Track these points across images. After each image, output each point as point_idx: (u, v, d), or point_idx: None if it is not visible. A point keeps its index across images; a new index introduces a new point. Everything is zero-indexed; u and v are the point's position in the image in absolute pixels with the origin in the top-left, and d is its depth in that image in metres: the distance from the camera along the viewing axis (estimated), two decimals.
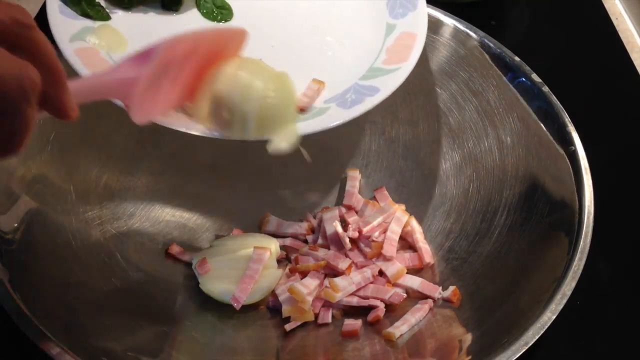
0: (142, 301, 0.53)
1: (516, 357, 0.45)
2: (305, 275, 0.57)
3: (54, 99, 0.33)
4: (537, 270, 0.52)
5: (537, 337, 0.46)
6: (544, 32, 0.83)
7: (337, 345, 0.53)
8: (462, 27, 0.63)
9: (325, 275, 0.57)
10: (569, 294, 0.48)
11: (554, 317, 0.47)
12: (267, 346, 0.54)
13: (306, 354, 0.53)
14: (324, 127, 0.48)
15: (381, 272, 0.57)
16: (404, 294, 0.56)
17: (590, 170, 0.54)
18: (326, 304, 0.55)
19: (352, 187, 0.63)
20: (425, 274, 0.58)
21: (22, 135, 0.31)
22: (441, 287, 0.56)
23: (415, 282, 0.56)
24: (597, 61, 0.79)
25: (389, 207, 0.60)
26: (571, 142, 0.56)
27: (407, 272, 0.57)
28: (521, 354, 0.45)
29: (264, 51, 0.53)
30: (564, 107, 0.58)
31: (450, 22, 0.63)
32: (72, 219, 0.54)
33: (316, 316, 0.55)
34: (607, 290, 0.59)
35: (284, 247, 0.60)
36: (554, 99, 0.58)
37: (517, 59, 0.61)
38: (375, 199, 0.63)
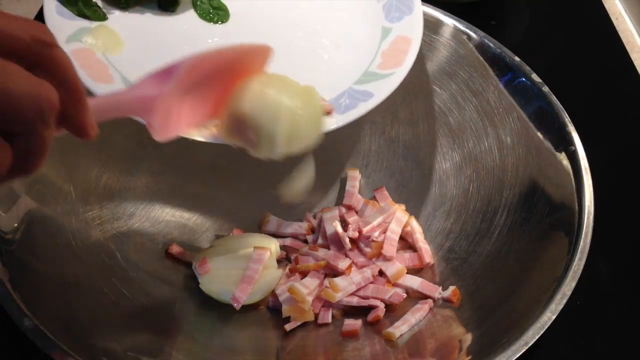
0: (142, 301, 0.53)
1: (516, 357, 0.45)
2: (305, 275, 0.57)
3: (74, 118, 0.32)
4: (537, 270, 0.52)
5: (537, 337, 0.46)
6: (544, 32, 0.83)
7: (337, 345, 0.53)
8: (462, 27, 0.63)
9: (325, 275, 0.57)
10: (569, 294, 0.48)
11: (554, 317, 0.47)
12: (267, 346, 0.54)
13: (306, 354, 0.53)
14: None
15: (381, 272, 0.57)
16: (404, 294, 0.56)
17: (590, 170, 0.54)
18: (326, 304, 0.55)
19: (352, 187, 0.63)
20: (425, 274, 0.58)
21: (37, 156, 0.30)
22: (441, 287, 0.56)
23: (415, 282, 0.56)
24: (597, 61, 0.79)
25: (389, 207, 0.60)
26: (571, 142, 0.56)
27: (407, 272, 0.57)
28: (521, 354, 0.45)
29: None
30: (564, 107, 0.58)
31: (450, 22, 0.63)
32: (72, 219, 0.54)
33: (316, 316, 0.55)
34: (607, 290, 0.59)
35: (284, 247, 0.60)
36: (554, 99, 0.58)
37: (517, 59, 0.61)
38: (375, 199, 0.63)
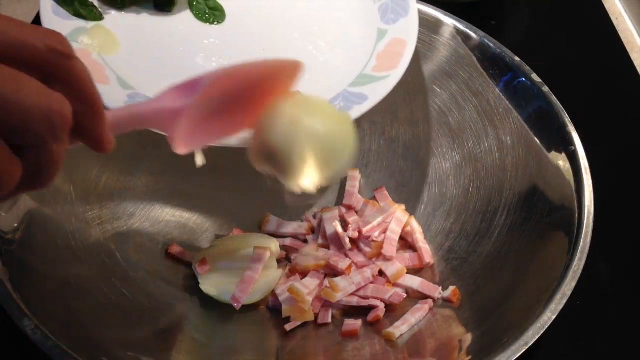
0: (142, 301, 0.53)
1: (516, 357, 0.45)
2: (305, 275, 0.57)
3: (90, 132, 0.31)
4: (537, 270, 0.52)
5: (537, 337, 0.46)
6: (544, 32, 0.83)
7: (337, 345, 0.53)
8: (462, 27, 0.63)
9: (325, 275, 0.57)
10: (569, 294, 0.48)
11: (554, 317, 0.47)
12: (267, 346, 0.54)
13: (306, 354, 0.53)
14: None
15: (381, 272, 0.57)
16: (404, 294, 0.56)
17: (590, 170, 0.54)
18: (326, 304, 0.55)
19: (352, 187, 0.63)
20: (425, 274, 0.58)
21: (48, 171, 0.29)
22: (441, 287, 0.56)
23: (415, 282, 0.56)
24: (597, 61, 0.79)
25: (389, 207, 0.60)
26: (571, 142, 0.56)
27: (407, 272, 0.57)
28: (521, 354, 0.45)
29: (255, 55, 0.53)
30: (564, 107, 0.58)
31: (450, 22, 0.63)
32: (72, 219, 0.54)
33: (316, 316, 0.55)
34: (607, 290, 0.59)
35: (284, 247, 0.60)
36: (554, 99, 0.58)
37: (517, 59, 0.61)
38: (375, 199, 0.63)
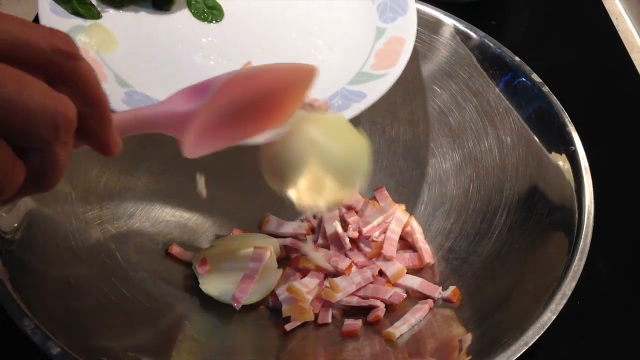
0: (142, 301, 0.53)
1: (516, 357, 0.45)
2: (305, 274, 0.57)
3: (96, 134, 0.30)
4: (537, 270, 0.52)
5: (537, 337, 0.46)
6: (544, 32, 0.83)
7: (337, 345, 0.53)
8: (462, 27, 0.63)
9: (325, 275, 0.57)
10: (569, 294, 0.48)
11: (554, 317, 0.47)
12: (267, 346, 0.54)
13: (306, 354, 0.53)
14: None
15: (381, 272, 0.57)
16: (404, 294, 0.56)
17: (590, 170, 0.54)
18: (326, 304, 0.55)
19: None
20: (425, 274, 0.58)
21: (52, 173, 0.29)
22: (441, 287, 0.56)
23: (415, 282, 0.56)
24: (597, 61, 0.79)
25: (389, 207, 0.60)
26: (571, 142, 0.56)
27: (407, 272, 0.57)
28: (521, 354, 0.45)
29: (253, 54, 0.53)
30: (564, 107, 0.58)
31: (450, 22, 0.63)
32: (72, 219, 0.54)
33: (316, 316, 0.55)
34: (607, 290, 0.59)
35: (284, 247, 0.60)
36: (554, 99, 0.58)
37: (517, 59, 0.61)
38: (375, 199, 0.63)
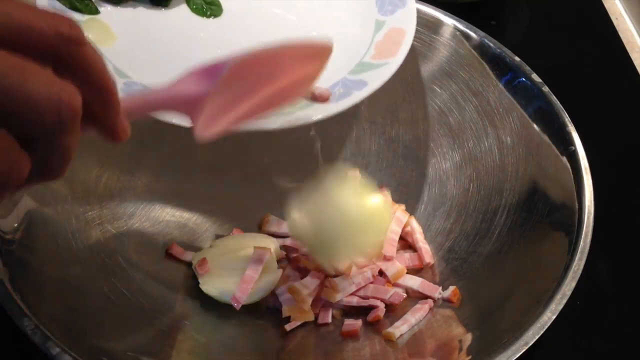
0: (142, 301, 0.53)
1: (516, 357, 0.45)
2: (305, 274, 0.57)
3: (103, 120, 0.30)
4: (537, 270, 0.52)
5: (537, 337, 0.46)
6: (544, 32, 0.83)
7: (337, 345, 0.53)
8: (462, 27, 0.63)
9: (325, 275, 0.57)
10: (569, 294, 0.48)
11: (554, 317, 0.46)
12: (267, 346, 0.54)
13: (306, 354, 0.53)
14: (310, 119, 0.48)
15: (381, 272, 0.57)
16: (404, 294, 0.56)
17: (590, 170, 0.54)
18: (326, 304, 0.55)
19: None
20: (425, 274, 0.58)
21: (58, 163, 0.28)
22: (441, 287, 0.56)
23: (415, 282, 0.56)
24: (597, 61, 0.79)
25: None
26: (571, 142, 0.56)
27: (407, 272, 0.57)
28: (521, 354, 0.45)
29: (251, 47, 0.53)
30: (564, 107, 0.58)
31: (450, 22, 0.63)
32: (72, 219, 0.54)
33: (316, 316, 0.55)
34: (607, 290, 0.59)
35: (284, 247, 0.60)
36: (554, 99, 0.58)
37: (517, 59, 0.61)
38: None
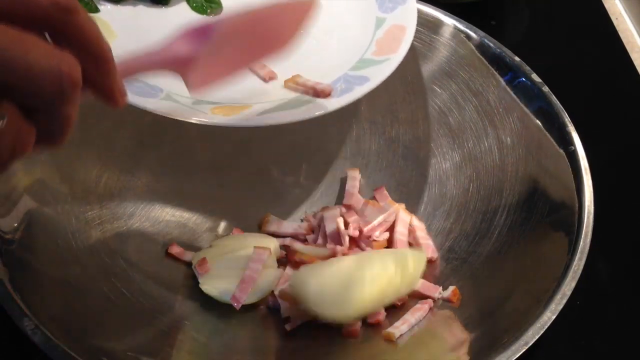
0: (142, 301, 0.53)
1: (516, 357, 0.45)
2: None
3: (101, 85, 0.30)
4: (537, 270, 0.52)
5: (537, 337, 0.46)
6: (544, 32, 0.83)
7: (337, 345, 0.53)
8: (462, 27, 0.63)
9: None
10: (569, 294, 0.48)
11: (554, 317, 0.47)
12: (267, 346, 0.54)
13: (306, 354, 0.53)
14: (312, 114, 0.48)
15: None
16: None
17: (590, 170, 0.54)
18: None
19: (352, 187, 0.63)
20: (425, 273, 0.58)
21: (60, 131, 0.29)
22: (441, 287, 0.55)
23: None
24: (597, 61, 0.79)
25: (389, 206, 0.60)
26: (571, 142, 0.56)
27: None
28: (521, 354, 0.45)
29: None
30: (564, 107, 0.58)
31: (450, 22, 0.63)
32: (72, 219, 0.54)
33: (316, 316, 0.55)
34: (607, 290, 0.59)
35: (284, 247, 0.60)
36: (554, 99, 0.58)
37: (517, 59, 0.61)
38: (375, 198, 0.63)
